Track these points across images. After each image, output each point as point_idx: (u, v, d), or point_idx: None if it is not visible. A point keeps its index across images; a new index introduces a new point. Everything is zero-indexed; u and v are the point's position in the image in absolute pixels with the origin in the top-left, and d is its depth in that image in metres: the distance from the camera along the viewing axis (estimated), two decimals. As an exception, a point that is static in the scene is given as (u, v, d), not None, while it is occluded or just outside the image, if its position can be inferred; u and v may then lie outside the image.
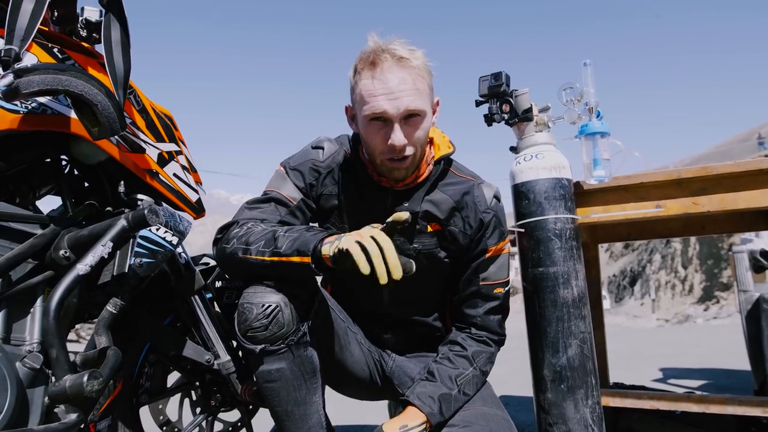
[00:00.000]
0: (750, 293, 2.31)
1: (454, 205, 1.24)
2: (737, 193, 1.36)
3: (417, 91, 1.10)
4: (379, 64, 1.10)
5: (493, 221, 1.25)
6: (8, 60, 0.96)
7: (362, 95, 1.11)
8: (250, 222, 1.14)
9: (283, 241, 1.01)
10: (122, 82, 1.13)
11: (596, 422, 1.25)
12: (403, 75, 1.09)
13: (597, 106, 1.43)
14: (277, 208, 1.21)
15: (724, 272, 23.95)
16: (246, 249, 1.06)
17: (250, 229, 1.10)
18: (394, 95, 1.08)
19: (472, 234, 1.24)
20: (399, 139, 1.10)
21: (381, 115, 1.09)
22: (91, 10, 1.26)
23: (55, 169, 1.20)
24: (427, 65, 1.15)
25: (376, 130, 1.12)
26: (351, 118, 1.23)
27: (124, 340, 1.31)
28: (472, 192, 1.25)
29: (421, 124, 1.13)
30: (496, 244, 1.25)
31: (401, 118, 1.10)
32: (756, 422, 1.71)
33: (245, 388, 1.37)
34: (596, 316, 1.74)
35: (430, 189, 1.24)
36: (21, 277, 1.03)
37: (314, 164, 1.25)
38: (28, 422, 0.96)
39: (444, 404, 1.15)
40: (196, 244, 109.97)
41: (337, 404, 1.32)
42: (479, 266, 1.25)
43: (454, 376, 1.19)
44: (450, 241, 1.24)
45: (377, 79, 1.09)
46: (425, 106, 1.12)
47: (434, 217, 1.23)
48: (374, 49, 1.12)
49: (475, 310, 1.26)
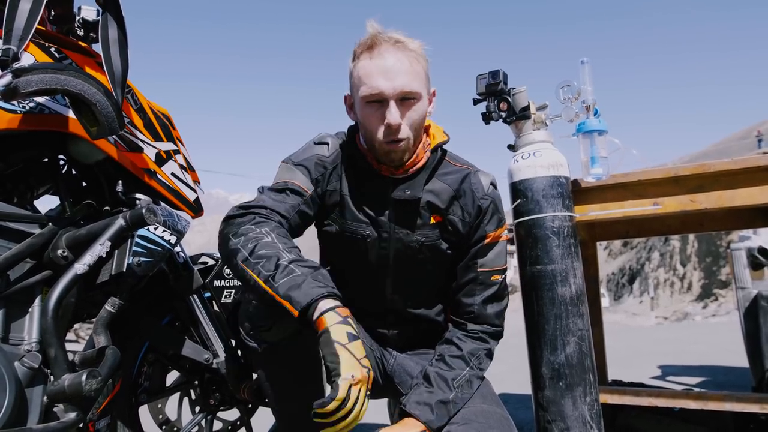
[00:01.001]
0: (748, 290, 2.31)
1: (453, 194, 1.24)
2: (735, 190, 1.37)
3: (413, 72, 1.12)
4: (376, 46, 1.12)
5: (491, 207, 1.25)
6: (6, 60, 0.96)
7: (360, 76, 1.13)
8: (266, 224, 1.08)
9: (281, 278, 0.95)
10: (120, 82, 1.12)
11: (594, 419, 1.25)
12: (400, 56, 1.12)
13: (594, 103, 1.44)
14: (292, 197, 1.18)
15: (723, 270, 24.00)
16: (246, 259, 1.00)
17: (260, 235, 1.04)
18: (390, 74, 1.10)
19: (471, 221, 1.24)
20: (394, 118, 1.10)
21: (377, 95, 1.11)
22: (88, 10, 1.26)
23: (53, 169, 1.20)
24: (423, 52, 1.17)
25: (372, 112, 1.13)
26: (350, 107, 1.24)
27: (123, 339, 1.31)
28: (469, 180, 1.25)
29: (416, 106, 1.14)
30: (495, 230, 1.25)
31: (397, 99, 1.11)
32: (754, 419, 1.72)
33: (244, 387, 1.37)
34: (594, 313, 1.74)
35: (429, 177, 1.24)
36: (19, 276, 1.03)
37: (320, 159, 1.23)
38: (26, 421, 0.96)
39: (441, 410, 1.14)
40: (195, 243, 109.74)
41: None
42: (477, 252, 1.25)
43: (450, 379, 1.18)
44: (451, 231, 1.24)
45: (374, 60, 1.11)
46: (421, 89, 1.14)
47: (436, 207, 1.23)
48: (372, 35, 1.15)
49: (472, 299, 1.25)
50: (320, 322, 0.89)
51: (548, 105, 1.42)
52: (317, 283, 0.94)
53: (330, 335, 0.87)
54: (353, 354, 0.87)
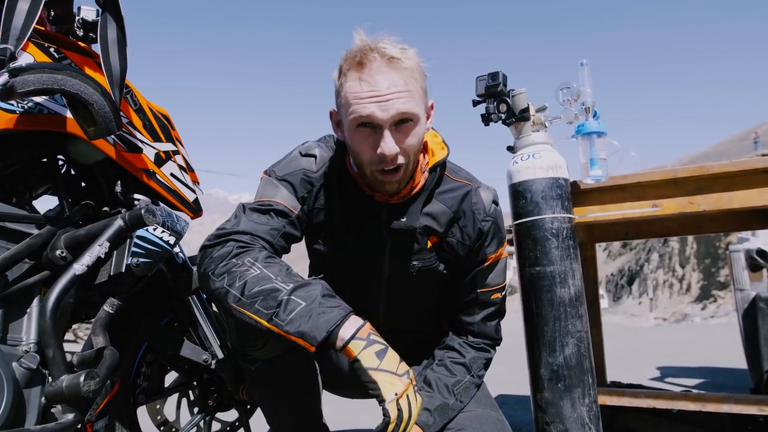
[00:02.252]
0: (747, 292, 2.32)
1: (452, 216, 1.16)
2: (733, 192, 1.37)
3: (409, 94, 0.99)
4: (366, 64, 0.98)
5: (492, 229, 1.19)
6: (4, 59, 0.96)
7: (348, 99, 0.99)
8: (247, 254, 0.98)
9: (286, 315, 0.88)
10: (118, 82, 1.12)
11: (593, 421, 1.25)
12: (394, 77, 0.98)
13: (594, 105, 1.44)
14: (277, 218, 1.08)
15: (722, 271, 24.02)
16: (239, 300, 0.92)
17: (244, 270, 0.95)
18: (383, 98, 0.97)
19: (471, 243, 1.19)
20: (389, 148, 0.98)
21: (368, 120, 0.98)
22: (88, 10, 1.26)
23: (52, 169, 1.20)
24: (420, 66, 1.04)
25: (363, 138, 1.01)
26: (336, 124, 1.11)
27: (122, 340, 1.30)
28: (470, 198, 1.18)
29: (414, 130, 1.02)
30: (495, 252, 1.21)
31: (392, 124, 0.99)
32: (752, 420, 1.72)
33: (243, 387, 1.37)
34: (593, 315, 1.75)
35: (427, 199, 1.15)
36: (18, 277, 1.02)
37: (306, 175, 1.12)
38: (24, 422, 0.96)
39: (440, 415, 1.13)
40: (194, 243, 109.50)
41: (330, 405, 1.32)
42: (477, 275, 1.21)
43: (451, 384, 1.17)
44: (448, 251, 1.19)
45: (365, 81, 0.98)
46: (418, 110, 1.01)
47: (433, 231, 1.16)
48: (361, 48, 1.00)
49: (472, 317, 1.23)
50: (347, 353, 0.89)
51: (547, 107, 1.42)
52: (325, 309, 0.90)
53: (362, 364, 0.88)
54: (388, 371, 0.88)
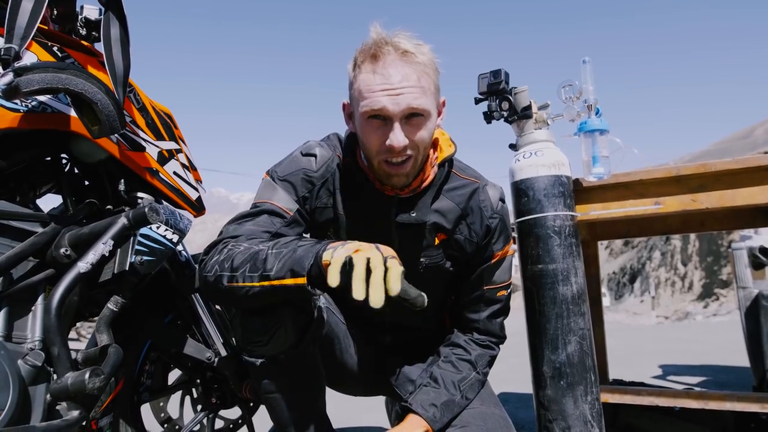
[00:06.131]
0: (749, 290, 2.31)
1: (460, 213, 1.18)
2: (736, 189, 1.36)
3: (421, 89, 1.01)
4: (381, 57, 1.00)
5: (499, 226, 1.20)
6: (8, 58, 0.96)
7: (361, 90, 1.02)
8: (232, 242, 1.01)
9: (273, 261, 0.90)
10: (122, 81, 1.13)
11: (595, 418, 1.25)
12: (407, 71, 1.00)
13: (596, 103, 1.43)
14: (271, 220, 1.08)
15: (724, 269, 23.96)
16: (231, 276, 0.94)
17: (231, 251, 0.97)
18: (395, 92, 0.99)
19: (479, 240, 1.20)
20: (398, 140, 1.00)
21: (380, 112, 1.00)
22: (91, 9, 1.26)
23: (56, 168, 1.21)
24: (434, 62, 1.05)
25: (373, 129, 1.03)
26: (348, 116, 1.13)
27: (125, 337, 1.31)
28: (478, 196, 1.20)
29: (424, 125, 1.03)
30: (502, 249, 1.22)
31: (402, 117, 1.01)
32: (755, 418, 1.72)
33: (246, 385, 1.38)
34: (595, 312, 1.75)
35: (435, 195, 1.16)
36: (22, 275, 1.03)
37: (307, 174, 1.13)
38: (30, 419, 0.97)
39: (446, 411, 1.14)
40: (196, 242, 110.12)
41: (333, 403, 1.32)
42: (484, 272, 1.22)
43: (457, 381, 1.17)
44: (455, 248, 1.20)
45: (378, 74, 1.00)
46: (429, 106, 1.03)
47: (441, 228, 1.17)
48: (376, 41, 1.02)
49: (478, 315, 1.24)
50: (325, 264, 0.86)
51: (550, 104, 1.42)
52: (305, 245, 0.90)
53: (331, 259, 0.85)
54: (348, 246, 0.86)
